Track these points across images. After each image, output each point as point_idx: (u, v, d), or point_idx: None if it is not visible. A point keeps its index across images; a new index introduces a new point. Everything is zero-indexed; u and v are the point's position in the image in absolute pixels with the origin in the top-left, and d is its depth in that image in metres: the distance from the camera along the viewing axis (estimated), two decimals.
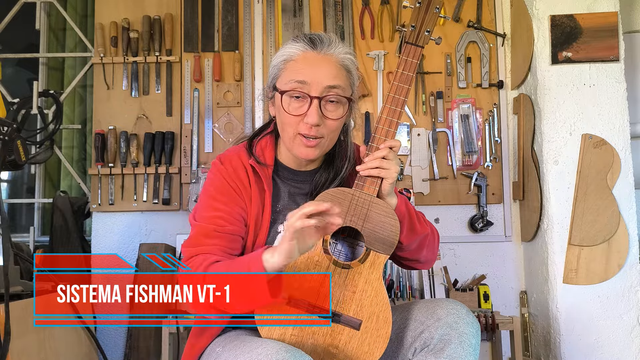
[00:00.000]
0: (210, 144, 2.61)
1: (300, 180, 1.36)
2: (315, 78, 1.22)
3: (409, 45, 1.30)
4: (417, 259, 1.38)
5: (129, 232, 2.62)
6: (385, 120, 1.27)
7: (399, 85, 1.28)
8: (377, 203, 1.25)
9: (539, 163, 2.39)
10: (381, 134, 1.27)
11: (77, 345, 1.93)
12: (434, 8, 1.30)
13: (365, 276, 1.24)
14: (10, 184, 3.18)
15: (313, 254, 1.24)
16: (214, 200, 1.28)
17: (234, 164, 1.30)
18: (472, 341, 1.23)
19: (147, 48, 2.65)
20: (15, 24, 2.83)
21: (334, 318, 1.22)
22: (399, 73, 1.28)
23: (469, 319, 1.25)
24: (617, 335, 2.24)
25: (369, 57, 2.64)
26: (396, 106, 1.27)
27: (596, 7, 2.35)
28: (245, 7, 2.68)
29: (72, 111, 2.96)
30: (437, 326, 1.23)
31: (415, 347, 1.25)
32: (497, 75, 2.63)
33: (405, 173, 2.59)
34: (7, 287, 1.58)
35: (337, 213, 1.08)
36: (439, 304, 1.28)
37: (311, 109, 1.22)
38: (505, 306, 2.57)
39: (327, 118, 1.25)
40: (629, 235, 2.26)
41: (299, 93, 1.23)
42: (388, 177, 1.24)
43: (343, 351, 1.22)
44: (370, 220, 1.24)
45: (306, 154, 1.27)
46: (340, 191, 1.26)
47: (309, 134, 1.24)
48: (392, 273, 2.54)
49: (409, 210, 1.31)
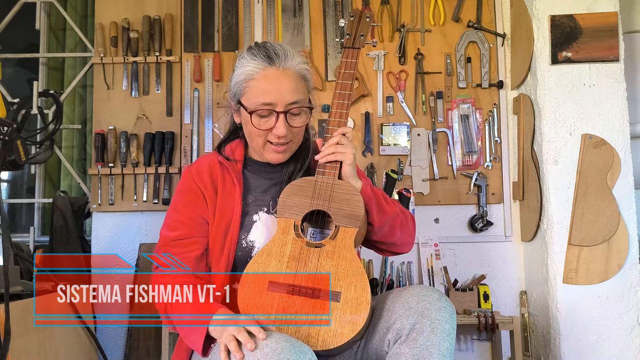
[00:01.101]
0: (210, 144, 2.61)
1: (270, 172, 1.46)
2: (278, 98, 1.33)
3: (347, 49, 1.49)
4: (393, 242, 1.44)
5: (129, 232, 2.63)
6: (335, 114, 1.42)
7: (344, 83, 1.45)
8: (338, 184, 1.35)
9: (539, 163, 2.39)
10: (334, 125, 1.40)
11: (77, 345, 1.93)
12: (365, 18, 1.53)
13: (338, 251, 1.31)
14: (10, 184, 3.18)
15: (286, 241, 1.33)
16: (176, 203, 1.44)
17: (200, 167, 1.44)
18: (445, 327, 1.20)
19: (147, 48, 2.65)
20: (15, 24, 2.83)
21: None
22: (342, 73, 1.47)
23: (441, 303, 1.23)
24: (617, 335, 2.24)
25: (369, 57, 2.64)
26: (344, 100, 1.43)
27: (596, 7, 2.35)
28: (245, 7, 2.68)
29: (72, 111, 2.96)
30: (407, 315, 1.22)
31: (389, 339, 1.24)
32: (497, 75, 2.63)
33: (405, 173, 2.59)
34: (7, 287, 1.58)
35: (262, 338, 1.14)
36: (410, 291, 1.27)
37: (279, 122, 1.34)
38: (505, 306, 2.57)
39: (293, 127, 1.37)
40: (628, 235, 2.26)
41: (266, 112, 1.34)
42: (345, 159, 1.34)
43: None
44: (334, 200, 1.34)
45: (277, 159, 1.41)
46: (304, 180, 1.38)
47: (278, 142, 1.37)
48: (392, 273, 2.54)
49: (375, 192, 1.38)
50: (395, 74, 2.63)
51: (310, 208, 1.34)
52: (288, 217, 1.35)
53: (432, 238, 2.57)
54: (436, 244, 2.55)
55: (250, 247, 1.38)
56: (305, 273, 1.29)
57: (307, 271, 1.29)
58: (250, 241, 1.39)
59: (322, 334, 1.23)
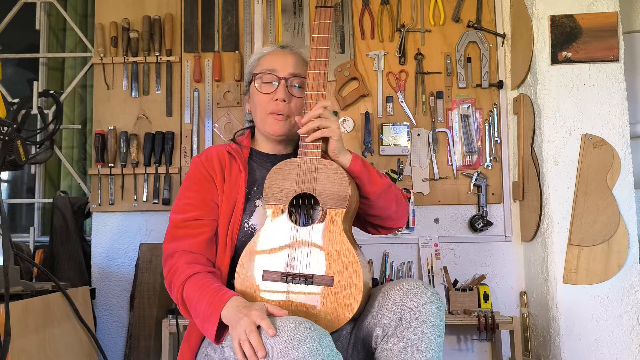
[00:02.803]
0: (210, 144, 2.61)
1: (274, 163, 1.43)
2: (282, 65, 1.44)
3: (320, 9, 1.40)
4: (389, 215, 1.45)
5: (129, 232, 2.63)
6: (312, 85, 1.36)
7: (318, 49, 1.37)
8: (322, 164, 1.32)
9: (539, 163, 2.39)
10: (312, 98, 1.35)
11: (77, 345, 1.93)
12: None
13: (327, 234, 1.29)
14: (10, 184, 3.18)
15: (276, 228, 1.32)
16: (185, 189, 1.45)
17: (209, 155, 1.48)
18: (431, 319, 1.20)
19: (147, 48, 2.65)
20: (15, 24, 2.83)
21: (307, 280, 1.26)
22: (316, 37, 1.38)
23: (427, 295, 1.22)
24: (617, 335, 2.24)
25: (369, 57, 2.64)
26: (319, 69, 1.36)
27: (596, 7, 2.35)
28: (245, 7, 2.68)
29: (72, 111, 2.96)
30: (394, 310, 1.21)
31: (376, 336, 1.24)
32: (497, 75, 2.63)
33: (405, 173, 2.59)
34: (7, 287, 1.58)
35: (284, 314, 1.18)
36: (396, 285, 1.26)
37: (279, 87, 1.43)
38: (505, 306, 2.57)
39: (293, 96, 1.43)
40: (628, 235, 2.26)
41: (269, 77, 1.44)
42: (332, 134, 1.31)
43: (323, 309, 1.25)
44: (320, 182, 1.31)
45: (276, 130, 1.44)
46: (287, 162, 1.35)
47: (277, 109, 1.42)
48: (392, 273, 2.54)
49: (365, 165, 1.37)
50: (395, 74, 2.63)
51: (295, 192, 1.32)
52: (275, 203, 1.33)
53: (432, 238, 2.57)
54: (436, 244, 2.55)
55: (252, 231, 1.40)
56: (297, 260, 1.29)
57: (298, 258, 1.29)
58: (252, 224, 1.41)
59: (319, 319, 1.24)
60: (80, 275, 2.55)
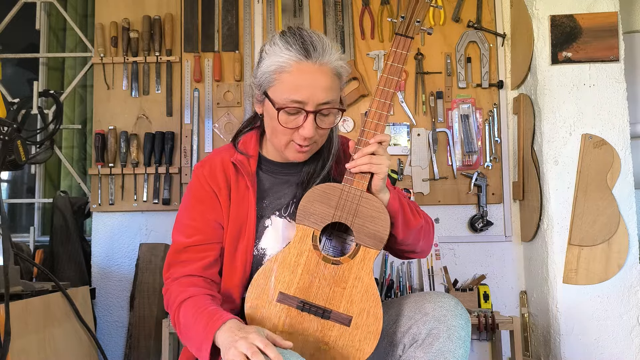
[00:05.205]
0: (210, 144, 2.61)
1: (287, 173, 1.36)
2: (310, 96, 1.20)
3: (399, 37, 1.29)
4: (414, 250, 1.38)
5: (129, 232, 2.62)
6: (374, 114, 1.26)
7: (389, 78, 1.27)
8: (366, 198, 1.24)
9: (539, 163, 2.39)
10: (370, 127, 1.26)
11: (77, 345, 1.93)
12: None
13: (355, 272, 1.23)
14: (10, 184, 3.17)
15: (302, 250, 1.24)
16: (189, 208, 1.34)
17: (212, 167, 1.33)
18: (461, 334, 1.21)
19: (147, 48, 2.65)
20: (15, 24, 2.83)
21: (324, 314, 1.21)
22: (389, 65, 1.28)
23: (457, 310, 1.23)
24: (617, 335, 2.24)
25: (369, 57, 2.64)
26: (385, 99, 1.26)
27: (596, 7, 2.35)
28: (245, 7, 2.68)
29: (72, 111, 2.96)
30: (424, 321, 1.22)
31: (404, 343, 1.25)
32: (497, 75, 2.63)
33: (405, 173, 2.59)
34: (7, 287, 1.58)
35: (288, 346, 1.10)
36: (427, 297, 1.26)
37: (307, 123, 1.22)
38: (505, 306, 2.57)
39: (320, 128, 1.25)
40: (628, 235, 2.26)
41: (295, 110, 1.22)
42: (379, 172, 1.22)
43: (333, 347, 1.21)
44: (360, 216, 1.23)
45: (298, 158, 1.30)
46: (330, 186, 1.25)
47: (303, 143, 1.25)
48: (392, 273, 2.54)
49: (403, 205, 1.28)
50: None
51: (332, 219, 1.24)
52: (307, 225, 1.24)
53: None
54: (436, 244, 2.55)
55: (261, 255, 1.32)
56: (318, 290, 1.22)
57: (320, 288, 1.22)
58: (262, 248, 1.33)
59: (326, 357, 1.20)
60: (80, 275, 2.55)
